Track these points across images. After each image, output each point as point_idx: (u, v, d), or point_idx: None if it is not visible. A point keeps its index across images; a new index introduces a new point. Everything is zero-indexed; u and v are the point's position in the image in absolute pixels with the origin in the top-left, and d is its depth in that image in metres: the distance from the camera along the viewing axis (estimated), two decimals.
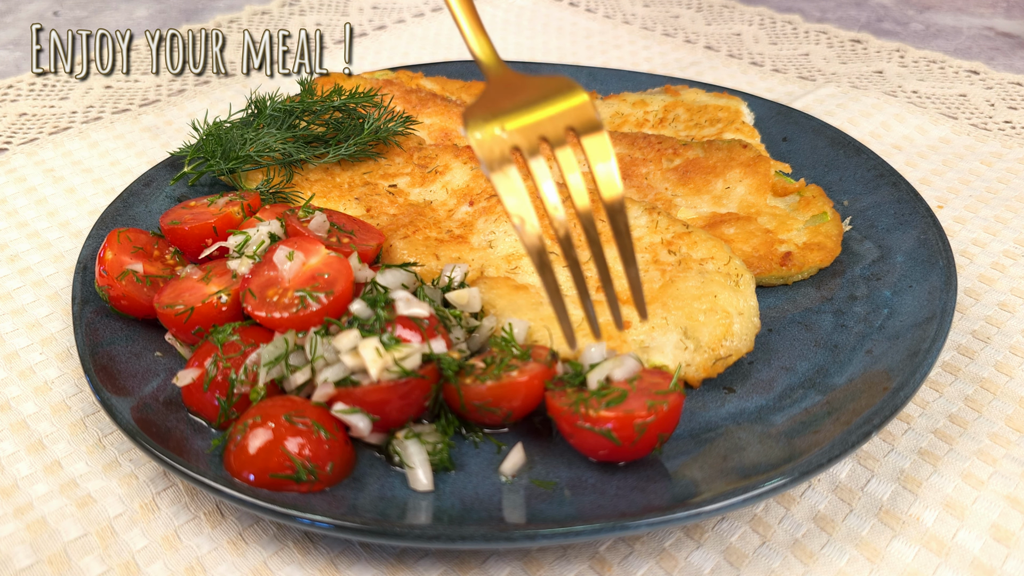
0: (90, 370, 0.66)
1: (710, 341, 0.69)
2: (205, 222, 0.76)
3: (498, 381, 0.61)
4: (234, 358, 0.64)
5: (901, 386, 0.63)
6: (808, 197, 0.86)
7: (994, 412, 0.70)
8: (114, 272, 0.72)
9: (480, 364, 0.64)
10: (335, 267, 0.68)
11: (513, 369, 0.63)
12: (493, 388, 0.61)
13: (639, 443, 0.58)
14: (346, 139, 0.91)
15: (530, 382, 0.62)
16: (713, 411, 0.67)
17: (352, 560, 0.59)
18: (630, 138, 0.92)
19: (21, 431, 0.68)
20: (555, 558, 0.59)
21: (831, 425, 0.62)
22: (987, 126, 1.13)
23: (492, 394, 0.61)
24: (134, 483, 0.64)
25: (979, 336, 0.78)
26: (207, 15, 1.54)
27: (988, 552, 0.59)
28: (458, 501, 0.59)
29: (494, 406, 0.62)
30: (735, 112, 0.99)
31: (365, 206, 0.85)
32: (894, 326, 0.71)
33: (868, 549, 0.59)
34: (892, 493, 0.63)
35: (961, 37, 1.44)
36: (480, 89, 1.09)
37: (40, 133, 1.13)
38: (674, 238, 0.76)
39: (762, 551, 0.59)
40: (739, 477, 0.58)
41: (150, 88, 1.26)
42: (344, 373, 0.61)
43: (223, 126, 0.92)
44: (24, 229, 0.93)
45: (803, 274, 0.80)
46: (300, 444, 0.58)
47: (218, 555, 0.59)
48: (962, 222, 0.93)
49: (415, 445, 0.61)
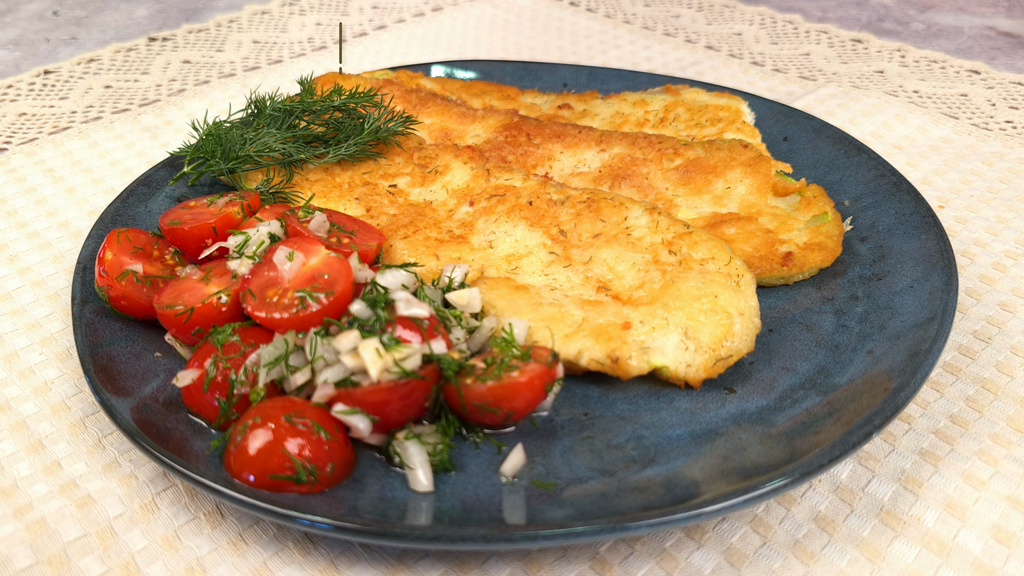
0: (90, 370, 0.66)
1: (711, 341, 0.69)
2: (205, 222, 0.76)
3: (498, 382, 0.61)
4: (234, 359, 0.63)
5: (902, 386, 0.63)
6: (809, 197, 0.86)
7: (995, 412, 0.70)
8: (114, 272, 0.72)
9: (480, 364, 0.64)
10: (335, 267, 0.68)
11: (514, 369, 0.62)
12: (494, 389, 0.61)
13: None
14: (346, 139, 0.90)
15: (530, 382, 0.62)
16: (714, 412, 0.67)
17: (352, 561, 0.58)
18: (630, 138, 0.92)
19: (21, 431, 0.68)
20: (555, 559, 0.59)
21: (832, 426, 0.62)
22: (988, 126, 1.13)
23: (492, 395, 0.61)
24: (134, 484, 0.64)
25: (980, 336, 0.77)
26: (207, 15, 1.53)
27: (989, 553, 0.59)
28: (458, 502, 0.59)
29: (494, 406, 0.62)
30: (736, 112, 0.99)
31: (365, 206, 0.85)
32: (895, 326, 0.71)
33: (869, 550, 0.59)
34: (893, 494, 0.63)
35: (962, 37, 1.44)
36: (480, 89, 1.09)
37: (40, 133, 1.13)
38: (675, 238, 0.76)
39: (763, 552, 0.59)
40: (740, 478, 0.58)
41: (150, 88, 1.26)
42: (344, 374, 0.61)
43: (223, 126, 0.92)
44: (24, 229, 0.93)
45: (804, 274, 0.80)
46: (300, 445, 0.58)
47: (218, 556, 0.59)
48: (963, 222, 0.93)
49: (415, 446, 0.61)
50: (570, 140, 0.93)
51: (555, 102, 1.07)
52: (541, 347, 0.66)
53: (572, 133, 0.93)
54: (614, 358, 0.66)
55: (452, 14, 1.52)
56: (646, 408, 0.67)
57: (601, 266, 0.75)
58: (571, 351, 0.67)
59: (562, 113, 1.04)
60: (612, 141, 0.92)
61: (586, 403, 0.68)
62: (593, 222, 0.79)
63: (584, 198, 0.81)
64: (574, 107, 1.05)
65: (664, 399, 0.68)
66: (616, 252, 0.76)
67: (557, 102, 1.07)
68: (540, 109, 1.06)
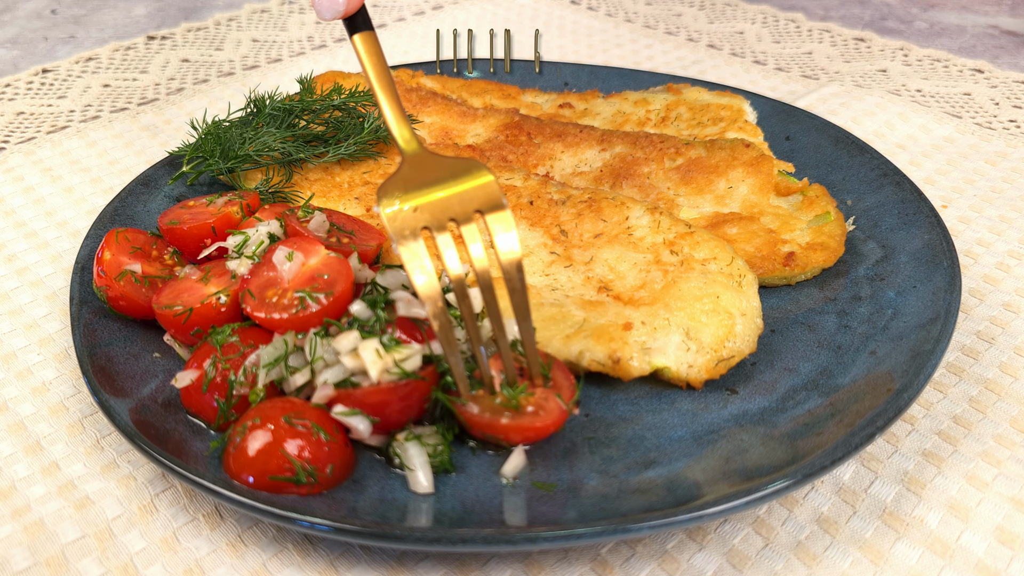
0: (88, 371, 0.66)
1: (712, 342, 0.68)
2: (204, 222, 0.76)
3: (513, 421, 0.60)
4: (233, 359, 0.63)
5: (905, 387, 0.63)
6: (811, 197, 0.86)
7: (999, 414, 0.69)
8: (112, 272, 0.72)
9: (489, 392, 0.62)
10: (335, 267, 0.67)
11: (529, 409, 0.61)
12: (508, 427, 0.60)
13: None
14: (346, 138, 0.90)
15: (545, 428, 0.61)
16: (715, 413, 0.66)
17: (352, 562, 0.58)
18: (632, 137, 0.92)
19: (19, 432, 0.68)
20: (556, 560, 0.59)
21: (834, 427, 0.61)
22: (991, 125, 1.13)
23: (504, 431, 0.61)
24: (132, 485, 0.63)
25: (983, 337, 0.77)
26: (206, 13, 1.53)
27: (992, 554, 0.58)
28: (459, 503, 0.58)
29: (503, 440, 0.62)
30: (738, 111, 0.99)
31: (365, 206, 0.85)
32: (898, 327, 0.71)
33: (872, 551, 0.59)
34: (896, 495, 0.63)
35: (965, 35, 1.43)
36: (481, 88, 1.09)
37: (38, 132, 1.13)
38: (676, 238, 0.76)
39: (765, 553, 0.59)
40: (742, 479, 0.58)
41: (148, 87, 1.26)
42: (344, 374, 0.61)
43: (222, 125, 0.91)
44: (22, 229, 0.93)
45: (806, 274, 0.80)
46: (300, 446, 0.58)
47: (217, 557, 0.59)
48: (966, 222, 0.93)
49: (415, 447, 0.60)
50: (571, 139, 0.93)
51: (556, 101, 1.06)
52: (563, 371, 0.65)
53: (573, 132, 0.93)
54: (615, 359, 0.66)
55: (453, 12, 1.52)
56: (647, 409, 0.67)
57: (602, 266, 0.75)
58: (572, 352, 0.67)
59: (563, 112, 1.04)
60: (613, 140, 0.91)
61: (587, 404, 0.67)
62: (594, 222, 0.78)
63: (585, 198, 0.80)
64: (575, 106, 1.05)
65: (666, 400, 0.68)
66: (617, 252, 0.75)
67: (558, 101, 1.06)
68: (541, 108, 1.06)
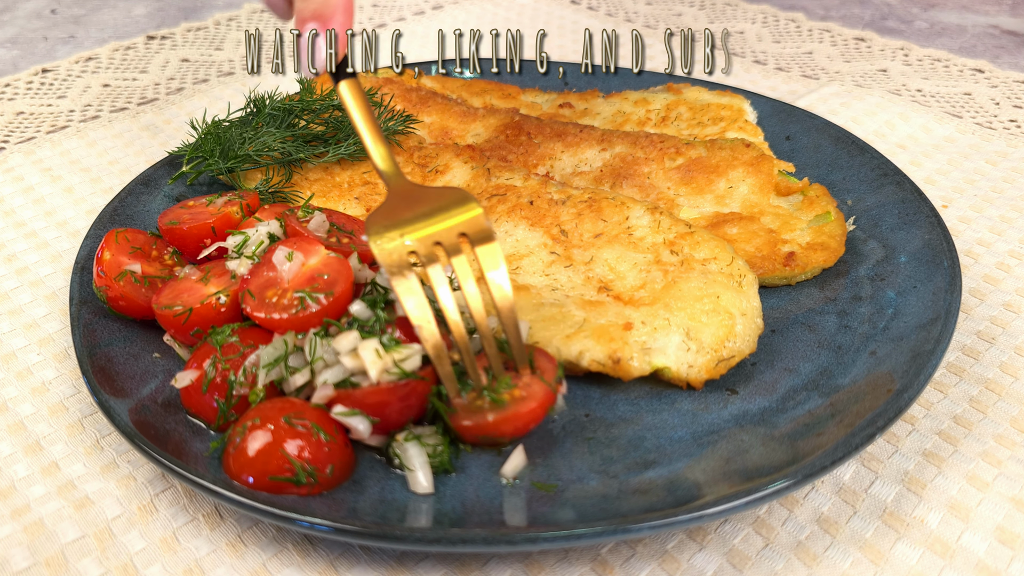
0: (88, 371, 0.66)
1: (713, 342, 0.68)
2: (204, 222, 0.76)
3: (498, 414, 0.61)
4: (233, 359, 0.63)
5: (905, 388, 0.63)
6: (812, 197, 0.86)
7: (999, 414, 0.69)
8: (112, 272, 0.72)
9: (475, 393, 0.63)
10: (335, 268, 0.67)
11: (511, 402, 0.62)
12: (494, 424, 0.61)
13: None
14: (346, 138, 0.90)
15: (532, 413, 0.62)
16: (716, 413, 0.66)
17: (352, 563, 0.58)
18: (632, 137, 0.91)
19: (18, 432, 0.68)
20: (557, 561, 0.58)
21: (835, 427, 0.61)
22: (992, 125, 1.13)
23: (491, 429, 0.61)
24: (132, 485, 0.63)
25: (984, 337, 0.77)
26: (206, 13, 1.53)
27: (993, 554, 0.58)
28: (459, 504, 0.58)
29: (495, 437, 0.62)
30: (738, 111, 0.98)
31: (365, 206, 0.85)
32: (898, 327, 0.71)
33: (872, 551, 0.59)
34: (896, 495, 0.62)
35: (966, 35, 1.43)
36: (482, 87, 1.09)
37: (38, 132, 1.12)
38: (676, 238, 0.76)
39: (765, 553, 0.59)
40: (742, 479, 0.58)
41: (148, 87, 1.26)
42: (344, 375, 0.60)
43: (222, 125, 0.91)
44: (21, 229, 0.93)
45: (807, 274, 0.80)
46: (299, 446, 0.58)
47: (217, 557, 0.58)
48: (967, 222, 0.93)
49: (415, 447, 0.60)
50: (571, 139, 0.92)
51: (556, 101, 1.06)
52: (544, 356, 0.65)
53: (573, 132, 0.93)
54: (615, 359, 0.66)
55: (453, 12, 1.52)
56: (648, 409, 0.67)
57: (602, 266, 0.75)
58: (572, 352, 0.67)
59: (563, 112, 1.04)
60: (613, 140, 0.91)
61: (587, 404, 0.67)
62: (594, 222, 0.78)
63: (585, 198, 0.80)
64: (575, 106, 1.04)
65: (666, 400, 0.68)
66: (617, 252, 0.75)
67: (558, 101, 1.06)
68: (541, 108, 1.06)
